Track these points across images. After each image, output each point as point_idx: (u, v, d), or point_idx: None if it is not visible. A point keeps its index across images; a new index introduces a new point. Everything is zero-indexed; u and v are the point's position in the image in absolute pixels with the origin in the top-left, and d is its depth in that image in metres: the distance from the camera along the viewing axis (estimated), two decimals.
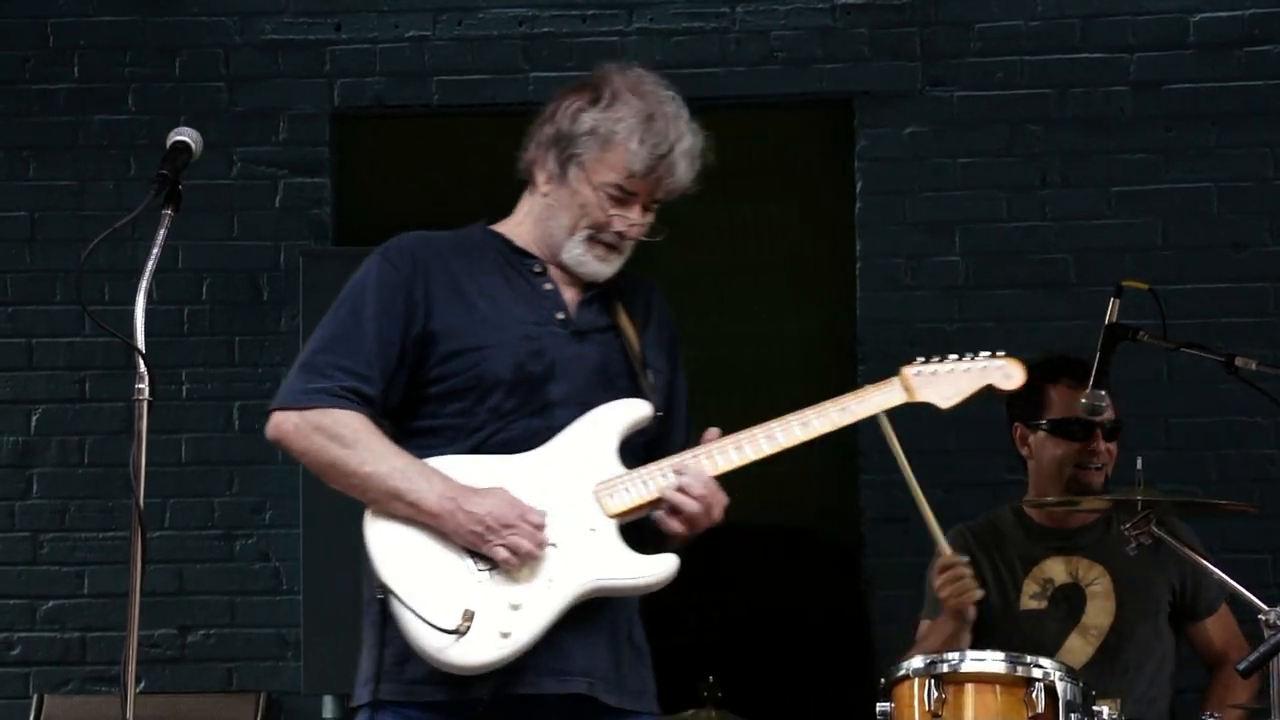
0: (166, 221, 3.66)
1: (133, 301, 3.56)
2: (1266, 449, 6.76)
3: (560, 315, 4.03)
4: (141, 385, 3.54)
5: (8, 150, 7.19)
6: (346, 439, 3.89)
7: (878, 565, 6.91)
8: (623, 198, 3.99)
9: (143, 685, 6.68)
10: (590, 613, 3.90)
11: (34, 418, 7.11)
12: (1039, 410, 5.41)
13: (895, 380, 4.14)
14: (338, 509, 6.12)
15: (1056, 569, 5.40)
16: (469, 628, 3.77)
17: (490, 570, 3.85)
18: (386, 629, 3.85)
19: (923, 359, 4.15)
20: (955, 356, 4.16)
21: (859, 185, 7.02)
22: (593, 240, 4.02)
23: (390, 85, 7.15)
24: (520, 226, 4.10)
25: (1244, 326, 6.71)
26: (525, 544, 3.82)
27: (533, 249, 4.07)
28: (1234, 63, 6.90)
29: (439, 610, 3.80)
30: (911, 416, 6.84)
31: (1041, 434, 5.41)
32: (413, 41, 7.15)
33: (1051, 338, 6.64)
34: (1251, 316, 6.77)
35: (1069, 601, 5.36)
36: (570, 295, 4.06)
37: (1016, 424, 5.49)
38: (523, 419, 3.95)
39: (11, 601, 7.06)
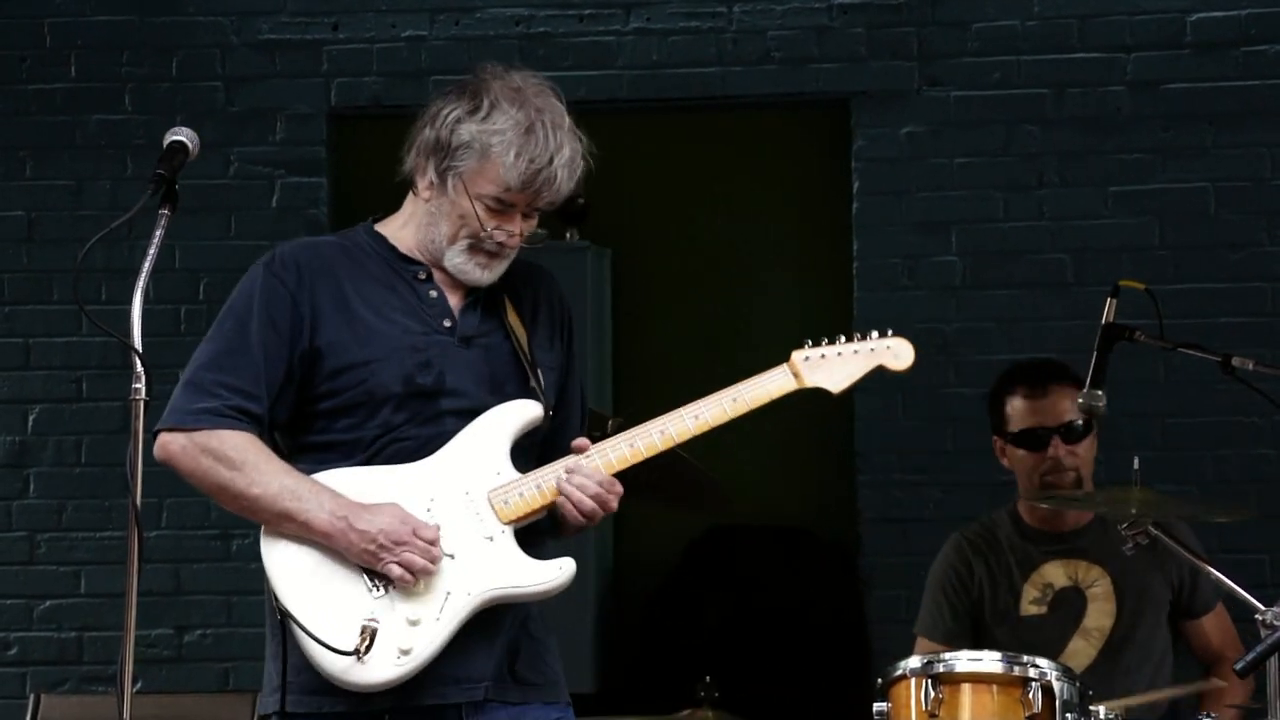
0: (163, 221, 3.66)
1: (130, 301, 3.55)
2: (1263, 449, 6.76)
3: (447, 323, 3.99)
4: (138, 385, 3.53)
5: (4, 150, 7.19)
6: (234, 460, 3.84)
7: (875, 565, 6.91)
8: (501, 209, 3.94)
9: (139, 685, 6.67)
10: (490, 618, 3.88)
11: (31, 417, 7.11)
12: (1004, 423, 5.46)
13: (784, 367, 4.08)
14: None
15: (1056, 573, 5.39)
16: (369, 647, 3.76)
17: (386, 586, 3.82)
18: (289, 646, 3.84)
19: (811, 342, 4.10)
20: (844, 339, 4.12)
21: (856, 185, 7.02)
22: (474, 249, 3.97)
23: (387, 85, 7.15)
24: (404, 230, 4.06)
25: (1241, 326, 6.71)
26: (419, 560, 3.79)
27: (416, 254, 4.03)
28: (1231, 63, 6.90)
29: (337, 631, 3.78)
30: (912, 416, 6.90)
31: (1010, 445, 5.44)
32: (409, 41, 7.15)
33: (1048, 338, 6.65)
34: (1248, 316, 6.77)
35: (1070, 605, 5.35)
36: (455, 300, 4.02)
37: (995, 436, 5.51)
38: (413, 429, 3.92)
39: (8, 601, 7.06)
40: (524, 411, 3.97)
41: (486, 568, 3.86)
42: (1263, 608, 4.40)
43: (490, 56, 7.09)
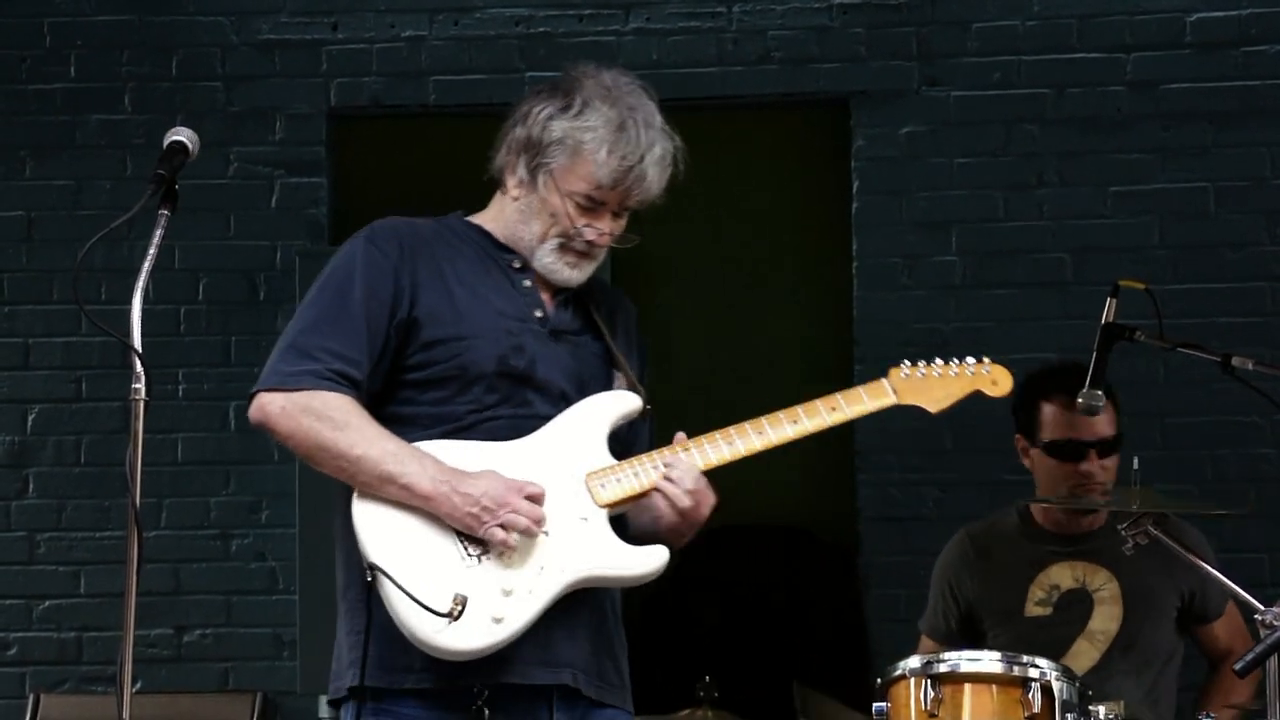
0: (163, 221, 3.65)
1: (129, 301, 3.55)
2: (1263, 448, 6.76)
3: (539, 314, 4.00)
4: (138, 385, 3.53)
5: (4, 150, 7.19)
6: (337, 421, 3.82)
7: (874, 565, 6.91)
8: (592, 207, 3.95)
9: (139, 685, 6.67)
10: (573, 604, 3.87)
11: (30, 417, 7.11)
12: (1035, 427, 5.40)
13: (884, 382, 4.12)
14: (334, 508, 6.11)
15: (1063, 575, 5.38)
16: (462, 612, 3.72)
17: (480, 556, 3.80)
18: (373, 613, 3.79)
19: (909, 362, 4.14)
20: (942, 361, 4.15)
21: (856, 185, 7.02)
22: (564, 248, 3.97)
23: (387, 85, 7.15)
24: (494, 223, 4.06)
25: (1241, 326, 6.71)
26: (523, 520, 3.77)
27: (511, 244, 4.03)
28: (1231, 62, 6.90)
29: (431, 594, 3.74)
30: (910, 415, 6.89)
31: (1039, 450, 5.41)
32: (409, 41, 7.15)
33: (1048, 337, 6.65)
34: (1248, 316, 6.77)
35: (1075, 607, 5.34)
36: (546, 295, 4.03)
37: (1019, 435, 5.48)
38: (506, 409, 3.92)
39: (8, 601, 7.06)
40: (623, 402, 3.99)
41: (581, 548, 3.85)
42: (1262, 607, 4.40)
43: (489, 57, 7.15)
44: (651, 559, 3.89)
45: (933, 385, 4.14)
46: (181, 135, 3.72)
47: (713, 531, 8.24)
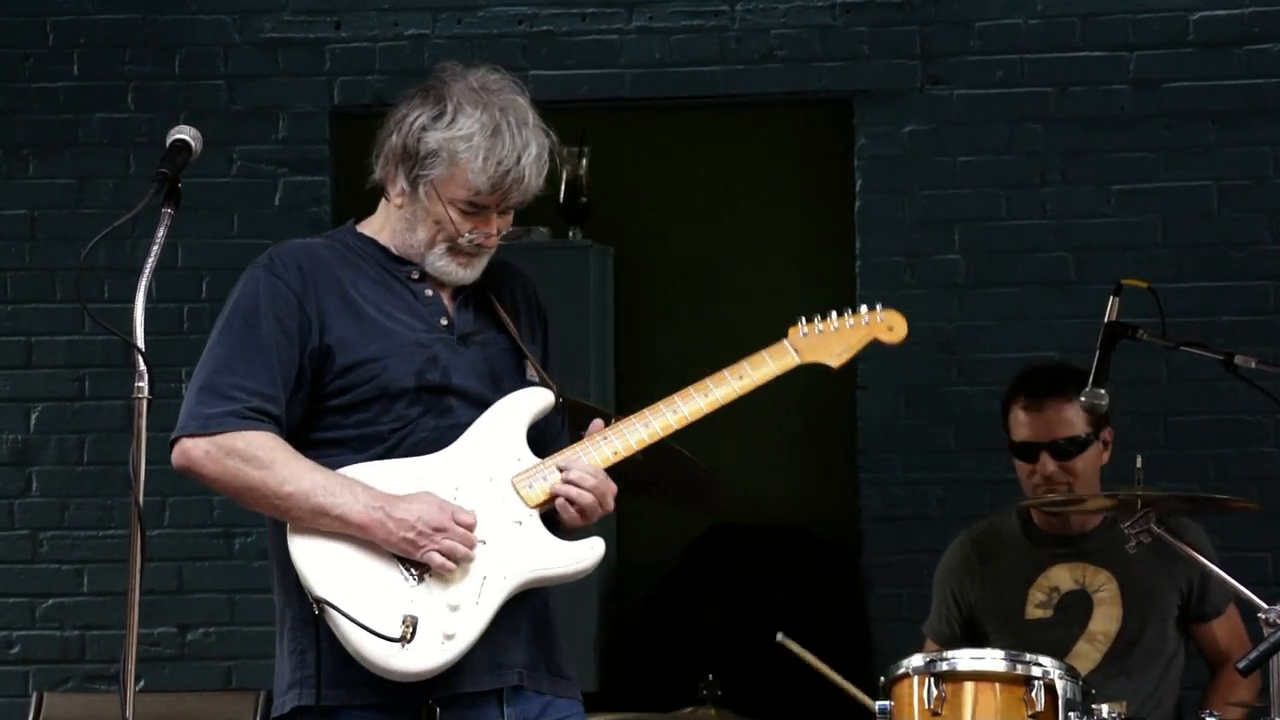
0: (166, 220, 3.65)
1: (132, 299, 3.55)
2: (1266, 447, 6.75)
3: (444, 321, 4.00)
4: (141, 383, 3.53)
5: (7, 148, 7.19)
6: (262, 460, 3.82)
7: (876, 564, 6.91)
8: (475, 211, 3.94)
9: (142, 683, 6.67)
10: (512, 604, 3.88)
11: (33, 416, 7.11)
12: (1008, 430, 5.44)
13: (784, 343, 4.14)
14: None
15: (1062, 576, 5.38)
16: (413, 634, 3.74)
17: (422, 575, 3.81)
18: (320, 635, 3.80)
19: (805, 319, 4.14)
20: (837, 314, 4.16)
21: (859, 184, 7.02)
22: (452, 250, 3.97)
23: (390, 84, 7.15)
24: (382, 233, 4.05)
25: (1243, 325, 6.71)
26: (460, 548, 3.79)
27: (404, 254, 4.03)
28: (1234, 61, 6.89)
29: (379, 619, 3.76)
30: (914, 414, 6.89)
31: (1011, 453, 5.45)
32: (412, 40, 7.15)
33: (1051, 336, 6.65)
34: (1251, 315, 6.77)
35: (1075, 609, 5.33)
36: (447, 300, 4.03)
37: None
38: (430, 421, 3.92)
39: (11, 600, 7.06)
40: (537, 399, 4.00)
41: (520, 551, 3.87)
42: (1266, 606, 4.40)
43: (492, 55, 7.13)
44: (589, 552, 3.92)
45: (830, 340, 4.16)
46: (184, 134, 3.72)
47: (715, 531, 8.26)
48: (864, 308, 4.19)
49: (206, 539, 7.02)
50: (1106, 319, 4.91)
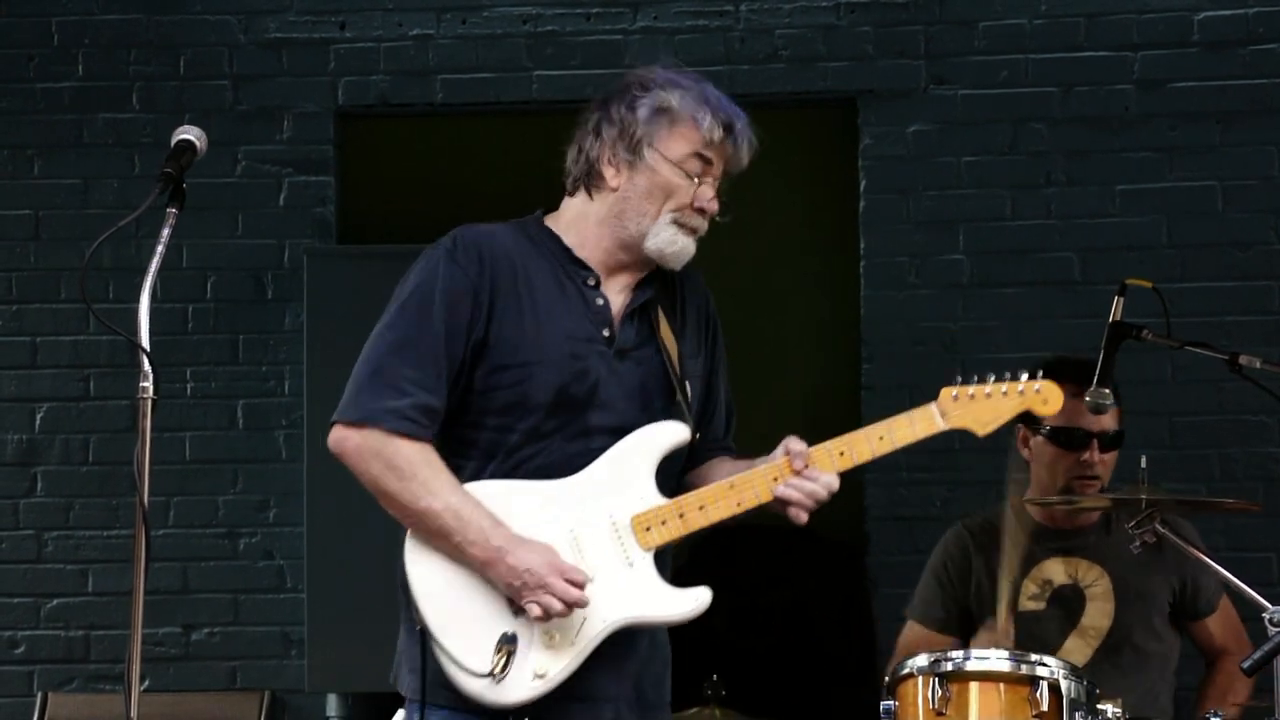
0: (171, 220, 3.66)
1: (137, 300, 3.56)
2: (1270, 447, 6.75)
3: (606, 333, 4.01)
4: (146, 383, 3.54)
5: (12, 149, 7.19)
6: (404, 471, 3.89)
7: (881, 564, 6.91)
8: (702, 170, 4.00)
9: (147, 684, 6.68)
10: (618, 636, 3.95)
11: (38, 416, 7.11)
12: (1038, 419, 5.40)
13: (932, 406, 4.10)
14: (341, 508, 6.13)
15: (1056, 570, 5.38)
16: (504, 666, 3.84)
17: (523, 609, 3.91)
18: (425, 653, 3.92)
19: (960, 379, 4.11)
20: (994, 378, 4.12)
21: (863, 184, 7.02)
22: (678, 224, 4.02)
23: (394, 84, 7.15)
24: (571, 231, 4.07)
25: (1248, 325, 6.71)
26: (556, 604, 3.85)
27: (587, 257, 4.05)
28: (1238, 61, 6.89)
29: (475, 647, 3.86)
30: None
31: (1041, 438, 5.40)
32: (417, 40, 7.15)
33: (1055, 336, 6.65)
34: (1255, 315, 6.77)
35: (1068, 603, 5.34)
36: (615, 311, 4.05)
37: (1020, 424, 5.47)
38: (560, 443, 3.96)
39: (16, 600, 7.06)
40: (671, 435, 4.01)
41: (625, 594, 3.93)
42: (1270, 606, 4.40)
43: (497, 55, 7.15)
44: (694, 602, 4.01)
45: (980, 406, 4.11)
46: (189, 134, 3.73)
47: (720, 530, 8.25)
48: (1024, 376, 4.13)
49: (211, 539, 7.02)
50: (1111, 319, 4.92)
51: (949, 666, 4.54)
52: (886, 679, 4.67)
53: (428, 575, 3.92)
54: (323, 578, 6.55)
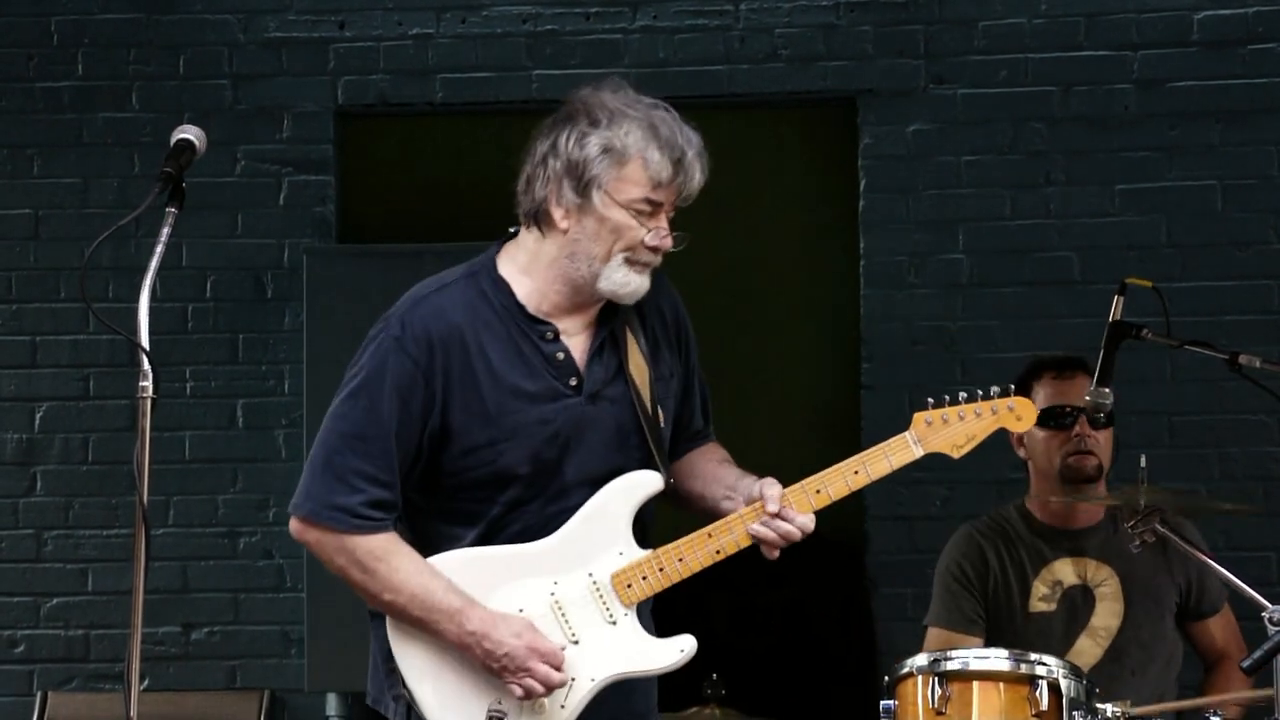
0: (170, 219, 3.66)
1: (136, 299, 3.56)
2: (1270, 446, 6.75)
3: (573, 381, 3.97)
4: (145, 383, 3.54)
5: (12, 148, 7.19)
6: (365, 565, 3.91)
7: (881, 563, 6.91)
8: (651, 211, 3.93)
9: (146, 683, 6.68)
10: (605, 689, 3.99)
11: (38, 415, 7.11)
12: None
13: (907, 435, 4.11)
14: None
15: (1065, 570, 5.38)
16: None
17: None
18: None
19: (932, 403, 4.11)
20: (965, 398, 4.12)
21: (863, 183, 7.02)
22: (630, 261, 3.93)
23: (394, 83, 7.15)
24: (525, 275, 3.99)
25: (1248, 324, 6.71)
26: (538, 687, 3.87)
27: (543, 307, 3.97)
28: (1238, 60, 6.89)
29: (466, 711, 3.90)
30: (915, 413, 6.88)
31: (1033, 429, 5.40)
32: (416, 39, 7.15)
33: (1055, 335, 6.65)
34: (1255, 314, 6.77)
35: (1078, 603, 5.34)
36: (580, 350, 3.99)
37: None
38: (537, 506, 3.96)
39: (15, 599, 7.06)
40: (645, 487, 4.01)
41: (610, 652, 3.94)
42: (1269, 605, 4.40)
43: (497, 54, 7.14)
44: (679, 653, 4.02)
45: (954, 429, 4.11)
46: (189, 133, 3.73)
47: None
48: (995, 393, 4.14)
49: (211, 538, 7.02)
50: (1111, 318, 4.92)
51: (948, 666, 4.54)
52: (886, 678, 4.66)
53: (411, 645, 3.94)
54: (322, 577, 6.48)
